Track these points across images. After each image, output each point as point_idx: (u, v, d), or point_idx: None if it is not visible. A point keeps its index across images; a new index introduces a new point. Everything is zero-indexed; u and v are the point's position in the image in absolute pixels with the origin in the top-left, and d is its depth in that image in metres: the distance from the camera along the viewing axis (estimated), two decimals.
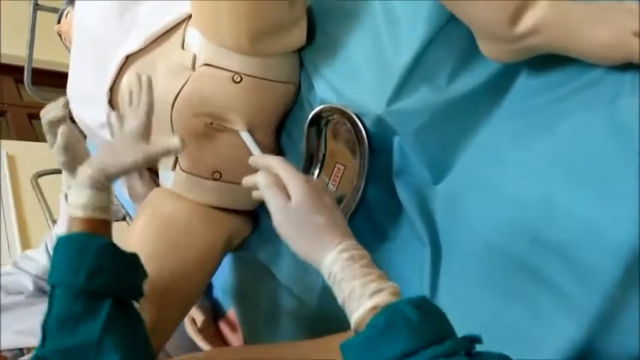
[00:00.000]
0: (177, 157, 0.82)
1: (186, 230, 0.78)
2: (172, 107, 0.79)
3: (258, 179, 0.56)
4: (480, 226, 0.71)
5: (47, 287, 0.92)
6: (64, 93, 1.10)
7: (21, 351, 0.81)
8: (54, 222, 1.39)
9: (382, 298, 0.45)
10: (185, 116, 0.79)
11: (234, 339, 0.95)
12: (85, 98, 0.99)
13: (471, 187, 0.73)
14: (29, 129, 2.78)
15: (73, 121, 0.84)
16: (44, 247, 0.95)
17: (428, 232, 0.77)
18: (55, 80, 2.88)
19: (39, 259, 0.95)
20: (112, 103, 0.86)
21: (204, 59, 0.75)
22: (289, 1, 0.70)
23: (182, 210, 0.79)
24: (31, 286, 0.91)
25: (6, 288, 0.90)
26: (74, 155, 0.78)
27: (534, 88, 0.67)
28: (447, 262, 0.76)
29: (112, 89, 0.85)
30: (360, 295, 0.46)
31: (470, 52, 0.68)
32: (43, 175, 1.55)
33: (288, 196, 0.53)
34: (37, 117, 2.59)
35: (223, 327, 0.99)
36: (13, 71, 2.96)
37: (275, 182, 0.54)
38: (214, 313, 1.01)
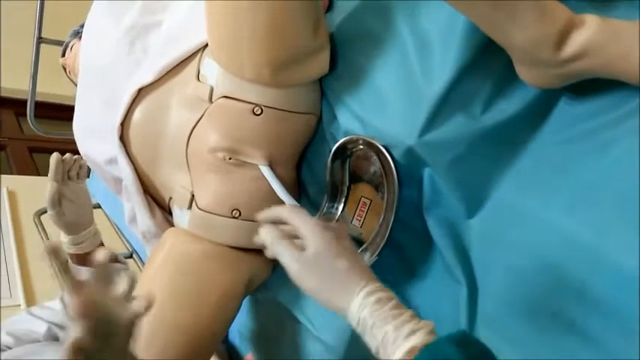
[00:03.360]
0: (192, 195, 0.77)
1: (205, 276, 0.72)
2: (187, 142, 0.75)
3: (264, 237, 0.53)
4: (521, 264, 0.66)
5: (60, 335, 0.88)
6: (67, 126, 1.07)
7: None
8: None
9: (419, 339, 0.43)
10: (201, 152, 0.74)
11: None
12: (92, 132, 0.95)
13: (509, 220, 0.69)
14: (30, 163, 2.74)
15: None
16: (60, 296, 0.90)
17: (463, 269, 0.72)
18: (56, 113, 2.87)
19: (54, 306, 0.90)
20: (122, 138, 0.81)
21: (222, 91, 0.71)
22: (313, 28, 0.66)
23: (200, 254, 0.74)
24: (42, 331, 0.86)
25: (20, 338, 0.85)
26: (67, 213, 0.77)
27: (576, 114, 0.63)
28: (484, 302, 0.71)
29: (123, 124, 0.80)
30: (395, 338, 0.43)
31: (506, 77, 0.65)
32: (45, 212, 1.49)
33: (302, 246, 0.50)
34: (38, 150, 2.56)
35: None
36: (14, 105, 2.94)
37: (281, 235, 0.52)
38: (231, 358, 0.95)
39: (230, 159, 0.73)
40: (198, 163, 0.75)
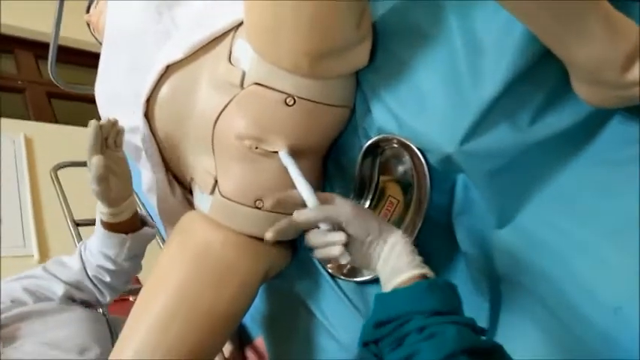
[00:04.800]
0: (216, 181, 0.74)
1: (225, 264, 0.71)
2: (214, 126, 0.72)
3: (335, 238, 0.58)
4: (548, 280, 0.64)
5: (78, 295, 0.88)
6: (89, 74, 1.03)
7: None
8: (70, 212, 1.33)
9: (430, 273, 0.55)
10: (228, 137, 0.71)
11: None
12: (115, 99, 0.93)
13: (539, 235, 0.66)
14: (48, 109, 2.71)
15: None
16: (78, 254, 0.89)
17: (487, 279, 0.70)
18: (78, 59, 2.83)
19: (73, 265, 0.88)
20: (147, 115, 0.78)
21: (255, 78, 0.67)
22: (357, 21, 0.62)
23: (220, 241, 0.72)
24: (60, 292, 0.85)
25: (35, 293, 0.85)
26: (113, 187, 0.74)
27: (628, 136, 0.60)
28: (506, 316, 0.69)
29: (149, 100, 0.77)
30: (417, 264, 0.55)
31: (558, 90, 0.61)
32: (63, 167, 1.49)
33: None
34: (57, 96, 2.52)
35: (250, 355, 0.93)
36: (33, 47, 2.90)
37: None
38: (241, 339, 0.95)
39: (257, 148, 0.70)
40: (223, 148, 0.72)
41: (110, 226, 0.80)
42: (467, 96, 0.62)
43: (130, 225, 0.82)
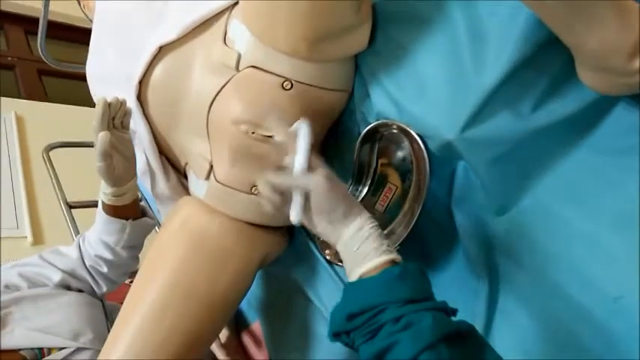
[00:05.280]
0: (211, 166, 0.73)
1: (221, 251, 0.70)
2: (209, 110, 0.70)
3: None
4: (547, 268, 0.64)
5: (74, 284, 0.88)
6: (80, 50, 0.99)
7: (41, 351, 0.75)
8: (63, 194, 1.31)
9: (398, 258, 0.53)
10: (223, 121, 0.69)
11: (259, 354, 0.89)
12: (105, 79, 0.90)
13: (539, 223, 0.66)
14: (39, 87, 2.66)
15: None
16: (76, 244, 0.88)
17: (486, 266, 0.70)
18: (69, 34, 2.76)
19: (70, 254, 0.87)
20: (140, 98, 0.76)
21: (251, 60, 0.66)
22: (357, 4, 0.60)
23: (215, 228, 0.71)
24: (56, 279, 0.85)
25: (30, 279, 0.84)
26: (117, 165, 0.72)
27: (632, 124, 0.58)
28: (504, 302, 0.69)
29: (142, 82, 0.75)
30: (385, 250, 0.53)
31: (562, 77, 0.59)
32: (55, 147, 1.46)
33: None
34: (48, 73, 2.46)
35: (247, 340, 0.93)
36: (23, 22, 2.83)
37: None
38: (237, 323, 0.95)
39: (253, 133, 0.68)
40: (219, 133, 0.71)
41: (112, 210, 0.79)
42: (468, 82, 0.60)
43: (131, 210, 0.82)
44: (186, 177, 0.84)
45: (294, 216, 0.54)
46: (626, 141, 0.59)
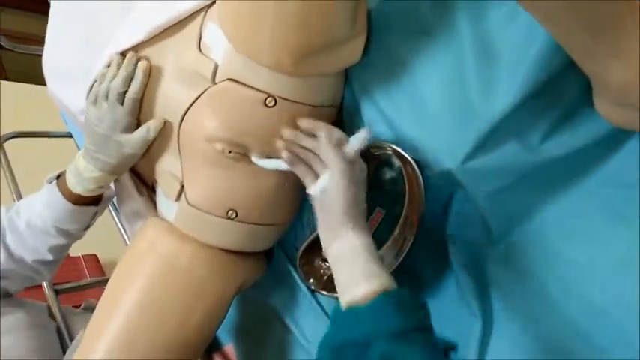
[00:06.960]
0: (182, 186, 0.65)
1: (192, 283, 0.63)
2: (180, 124, 0.62)
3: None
4: (547, 305, 0.60)
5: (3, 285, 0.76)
6: (38, 19, 0.89)
7: None
8: (17, 189, 1.20)
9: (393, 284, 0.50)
10: (196, 138, 0.62)
11: None
12: (65, 75, 0.82)
13: (540, 257, 0.61)
14: None
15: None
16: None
17: (479, 300, 0.65)
18: (25, 3, 2.57)
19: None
20: None
21: (229, 72, 0.57)
22: (352, 15, 0.52)
23: (187, 256, 0.63)
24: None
25: None
26: None
27: None
28: (498, 340, 0.65)
29: None
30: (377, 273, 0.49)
31: (577, 106, 0.54)
32: (11, 138, 1.34)
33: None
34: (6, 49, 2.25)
35: None
36: None
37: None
38: (209, 345, 0.89)
39: (230, 152, 0.61)
40: (191, 150, 0.63)
41: (81, 200, 0.70)
42: (474, 107, 0.54)
43: (98, 197, 0.74)
44: (154, 190, 0.76)
45: (315, 188, 0.54)
46: (637, 175, 0.54)
